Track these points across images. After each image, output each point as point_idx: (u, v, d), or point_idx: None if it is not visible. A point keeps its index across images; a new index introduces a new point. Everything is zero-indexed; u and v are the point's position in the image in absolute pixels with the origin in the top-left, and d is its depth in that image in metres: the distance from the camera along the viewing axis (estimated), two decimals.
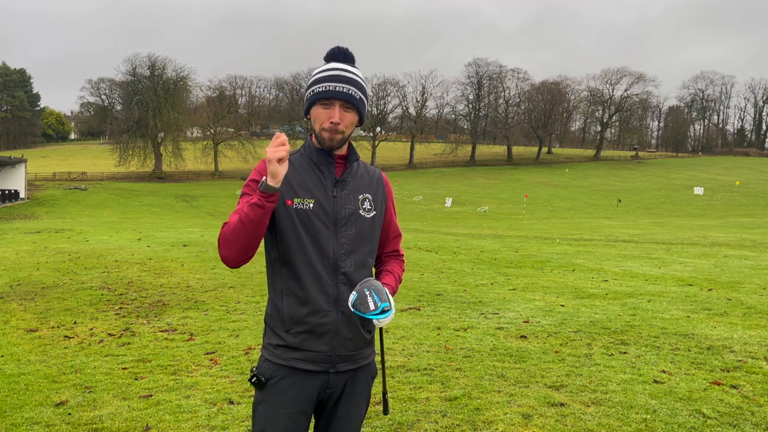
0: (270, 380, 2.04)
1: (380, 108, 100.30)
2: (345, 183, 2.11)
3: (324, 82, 2.05)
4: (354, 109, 2.07)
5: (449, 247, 17.09)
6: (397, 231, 2.30)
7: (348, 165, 2.14)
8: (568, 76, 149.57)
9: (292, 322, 2.04)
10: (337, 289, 2.05)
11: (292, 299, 2.04)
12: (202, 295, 8.91)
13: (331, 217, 2.05)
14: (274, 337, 2.08)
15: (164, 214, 45.31)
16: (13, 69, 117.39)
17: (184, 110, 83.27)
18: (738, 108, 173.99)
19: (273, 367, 2.05)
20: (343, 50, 2.12)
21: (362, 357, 2.14)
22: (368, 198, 2.15)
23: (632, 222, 36.44)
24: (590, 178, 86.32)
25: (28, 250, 15.33)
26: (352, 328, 2.07)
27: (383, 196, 2.21)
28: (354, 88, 2.06)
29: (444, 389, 4.65)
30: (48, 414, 4.17)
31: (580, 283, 10.27)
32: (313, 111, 2.07)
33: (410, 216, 46.00)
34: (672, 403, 4.31)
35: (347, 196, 2.10)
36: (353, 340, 2.08)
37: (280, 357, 2.05)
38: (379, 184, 2.22)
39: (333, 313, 2.04)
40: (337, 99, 2.03)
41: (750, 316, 7.32)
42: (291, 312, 2.04)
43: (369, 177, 2.20)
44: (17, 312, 7.67)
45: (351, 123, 2.08)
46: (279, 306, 2.07)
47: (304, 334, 2.03)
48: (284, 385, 2.03)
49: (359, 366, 2.14)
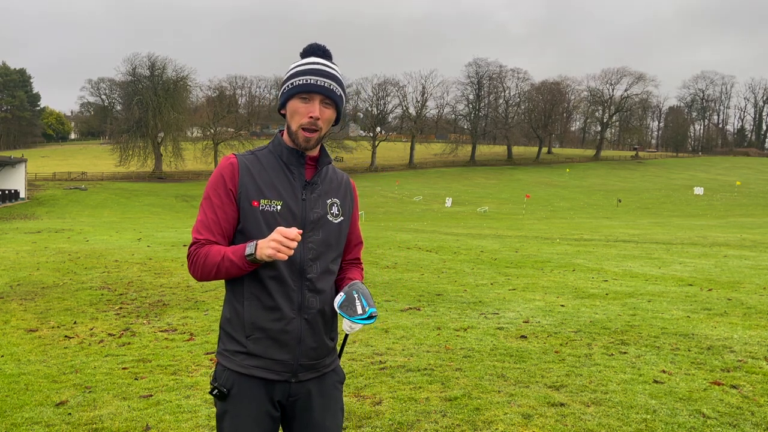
0: (231, 390, 1.97)
1: (380, 108, 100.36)
2: (314, 186, 2.04)
3: (304, 75, 1.96)
4: (333, 105, 2.00)
5: (449, 247, 17.08)
6: (359, 239, 2.24)
7: (318, 167, 2.06)
8: (569, 76, 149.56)
9: (253, 327, 1.96)
10: (302, 295, 1.97)
11: (254, 303, 1.96)
12: (202, 295, 8.91)
13: (298, 221, 1.98)
14: (233, 343, 1.99)
15: (164, 214, 45.32)
16: (13, 69, 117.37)
17: (184, 110, 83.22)
18: (738, 108, 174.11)
19: (233, 376, 1.97)
20: (321, 46, 2.06)
21: (323, 366, 2.07)
22: (336, 203, 2.08)
23: (632, 222, 36.44)
24: (590, 178, 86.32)
25: (28, 250, 15.33)
26: (315, 336, 2.01)
27: (351, 201, 2.16)
28: (334, 83, 1.99)
29: (444, 389, 4.65)
30: (48, 414, 4.17)
31: (580, 283, 10.27)
32: (290, 105, 1.99)
33: (410, 216, 46.00)
34: (672, 403, 4.31)
35: (316, 199, 2.03)
36: (316, 349, 2.02)
37: (239, 365, 1.97)
38: (347, 190, 2.16)
39: (297, 320, 1.97)
40: (318, 93, 1.95)
41: (750, 316, 7.32)
42: (252, 317, 1.95)
43: (338, 181, 2.13)
44: (17, 312, 7.67)
45: (329, 120, 2.00)
46: (239, 310, 1.98)
47: (266, 341, 1.95)
48: (246, 394, 1.96)
49: (321, 374, 2.07)
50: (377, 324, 6.87)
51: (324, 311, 2.03)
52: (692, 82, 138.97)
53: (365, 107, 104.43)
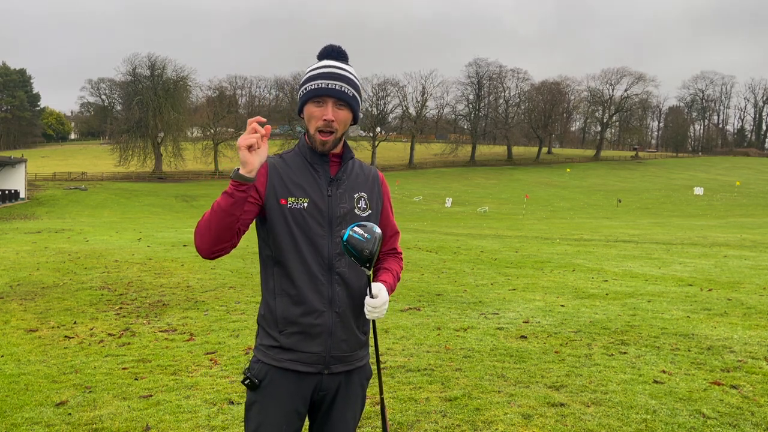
0: (263, 381, 2.02)
1: (380, 108, 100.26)
2: (340, 182, 2.08)
3: (316, 79, 2.00)
4: (347, 106, 2.03)
5: (449, 247, 17.08)
6: (395, 229, 2.27)
7: (343, 163, 2.10)
8: (569, 76, 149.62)
9: (285, 322, 2.01)
10: (331, 289, 2.01)
11: (285, 299, 2.01)
12: (202, 295, 8.91)
13: (325, 217, 2.02)
14: (267, 338, 2.05)
15: (164, 214, 45.30)
16: (13, 69, 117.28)
17: (184, 110, 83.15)
18: (738, 108, 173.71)
19: (266, 368, 2.02)
20: (336, 48, 2.08)
21: (356, 359, 2.11)
22: (363, 197, 2.12)
23: (632, 222, 36.43)
24: (590, 178, 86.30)
25: (28, 250, 15.33)
26: (346, 329, 2.04)
27: (378, 194, 2.18)
28: (347, 86, 2.01)
29: (444, 389, 4.65)
30: (48, 414, 4.17)
31: (580, 283, 10.27)
32: (306, 110, 2.03)
33: (410, 216, 45.99)
34: (672, 403, 4.31)
35: (342, 195, 2.07)
36: (347, 341, 2.05)
37: (273, 358, 2.02)
38: (375, 183, 2.18)
39: (327, 313, 2.01)
40: (330, 96, 1.99)
41: (750, 316, 7.32)
42: (284, 312, 2.01)
43: (364, 176, 2.16)
44: (17, 312, 7.67)
45: (344, 121, 2.03)
46: (272, 306, 2.04)
47: (298, 335, 2.00)
48: (277, 386, 2.01)
49: (353, 368, 2.10)
50: (377, 324, 6.86)
51: (354, 304, 2.06)
52: (692, 82, 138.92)
53: (365, 107, 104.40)
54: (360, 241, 1.90)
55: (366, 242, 1.90)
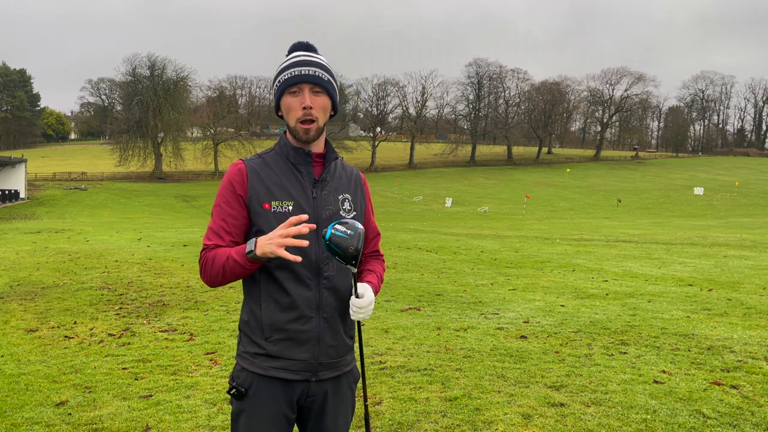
0: (249, 390, 1.97)
1: (380, 108, 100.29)
2: (324, 183, 2.02)
3: (288, 69, 1.97)
4: (324, 92, 1.98)
5: (449, 247, 17.08)
6: (376, 231, 2.23)
7: (326, 164, 2.05)
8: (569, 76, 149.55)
9: (271, 329, 1.95)
10: (319, 294, 1.96)
11: (271, 305, 1.95)
12: (202, 295, 8.91)
13: (311, 220, 1.94)
14: (252, 345, 1.99)
15: (164, 214, 45.29)
16: (13, 69, 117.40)
17: (184, 110, 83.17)
18: (738, 108, 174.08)
19: (251, 377, 1.97)
20: (303, 42, 2.06)
21: (344, 364, 2.07)
22: (348, 198, 2.07)
23: (632, 222, 36.43)
24: (590, 178, 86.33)
25: (28, 250, 15.33)
26: (334, 334, 2.00)
27: (362, 195, 2.14)
28: (320, 70, 1.98)
29: (444, 389, 4.65)
30: (48, 414, 4.17)
31: (580, 283, 10.27)
32: (284, 103, 1.98)
33: (410, 216, 46.00)
34: (672, 403, 4.31)
35: (327, 196, 2.02)
36: (336, 347, 2.01)
37: (259, 366, 1.96)
38: (358, 184, 2.14)
39: (315, 319, 1.95)
40: (305, 82, 1.94)
41: (750, 317, 7.32)
42: (270, 319, 1.95)
43: (347, 176, 2.12)
44: (17, 312, 7.67)
45: (323, 107, 1.98)
46: (257, 312, 1.98)
47: (285, 342, 1.95)
48: (264, 394, 1.96)
49: (341, 373, 2.06)
50: (377, 324, 6.87)
51: (342, 309, 2.02)
52: (692, 82, 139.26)
53: (365, 107, 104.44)
54: (344, 239, 1.83)
55: (350, 239, 1.83)
